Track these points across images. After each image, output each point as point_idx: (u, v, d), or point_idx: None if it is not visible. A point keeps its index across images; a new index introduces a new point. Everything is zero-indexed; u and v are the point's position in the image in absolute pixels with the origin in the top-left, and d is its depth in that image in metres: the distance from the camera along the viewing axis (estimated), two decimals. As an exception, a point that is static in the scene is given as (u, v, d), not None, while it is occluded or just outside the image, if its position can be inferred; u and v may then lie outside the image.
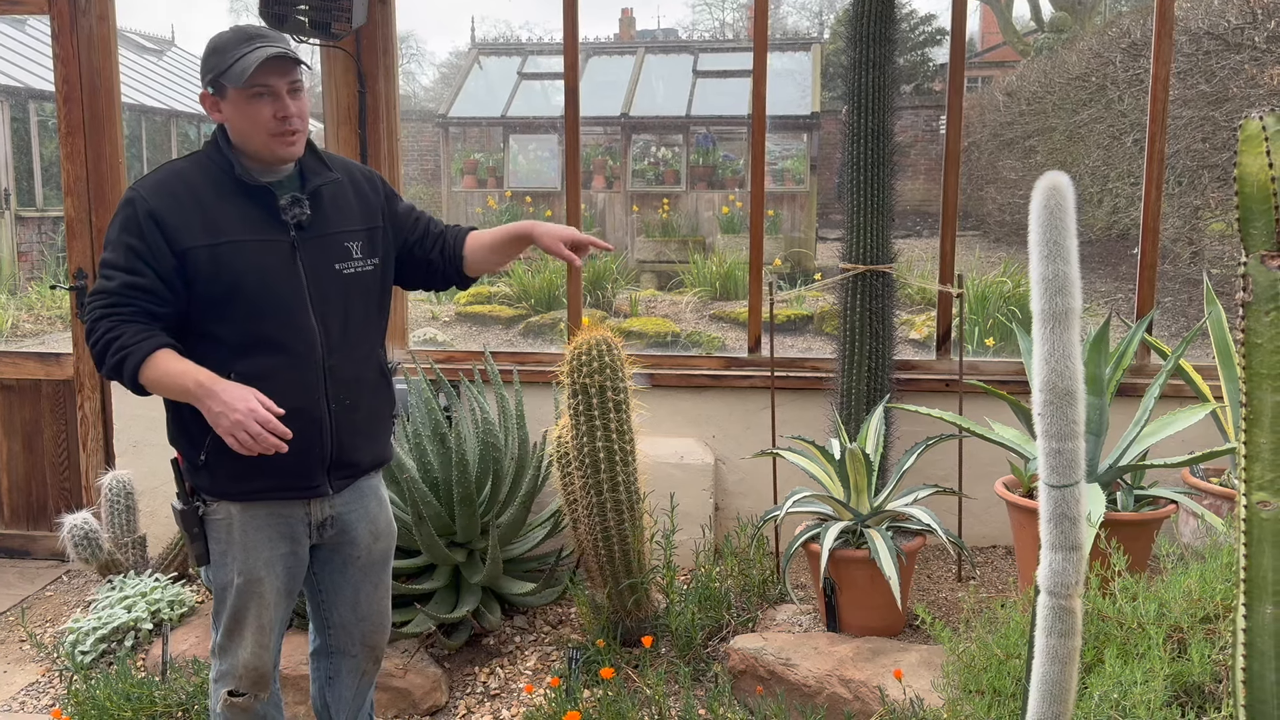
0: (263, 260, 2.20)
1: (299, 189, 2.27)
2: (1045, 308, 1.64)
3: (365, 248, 2.36)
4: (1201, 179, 7.82)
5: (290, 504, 2.31)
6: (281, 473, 2.24)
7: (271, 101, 2.18)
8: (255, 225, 2.21)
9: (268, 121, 2.18)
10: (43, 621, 3.91)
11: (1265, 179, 1.29)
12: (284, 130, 2.19)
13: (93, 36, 4.22)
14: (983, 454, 3.79)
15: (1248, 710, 1.45)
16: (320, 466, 2.30)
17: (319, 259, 2.27)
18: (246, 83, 2.14)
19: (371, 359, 2.40)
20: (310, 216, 2.25)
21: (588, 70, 13.81)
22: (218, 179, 2.22)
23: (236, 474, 2.23)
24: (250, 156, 2.24)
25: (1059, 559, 1.70)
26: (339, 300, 2.30)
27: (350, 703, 2.58)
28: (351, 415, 2.33)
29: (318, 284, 2.26)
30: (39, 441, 4.49)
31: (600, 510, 3.27)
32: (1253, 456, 1.37)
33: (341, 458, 2.33)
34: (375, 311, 2.43)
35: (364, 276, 2.35)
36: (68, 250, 4.37)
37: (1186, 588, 2.37)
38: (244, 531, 2.28)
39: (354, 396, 2.33)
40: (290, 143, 2.22)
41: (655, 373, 4.20)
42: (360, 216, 2.37)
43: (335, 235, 2.30)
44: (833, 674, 2.89)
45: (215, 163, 2.24)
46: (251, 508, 2.28)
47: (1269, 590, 1.39)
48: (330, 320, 2.27)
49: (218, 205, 2.19)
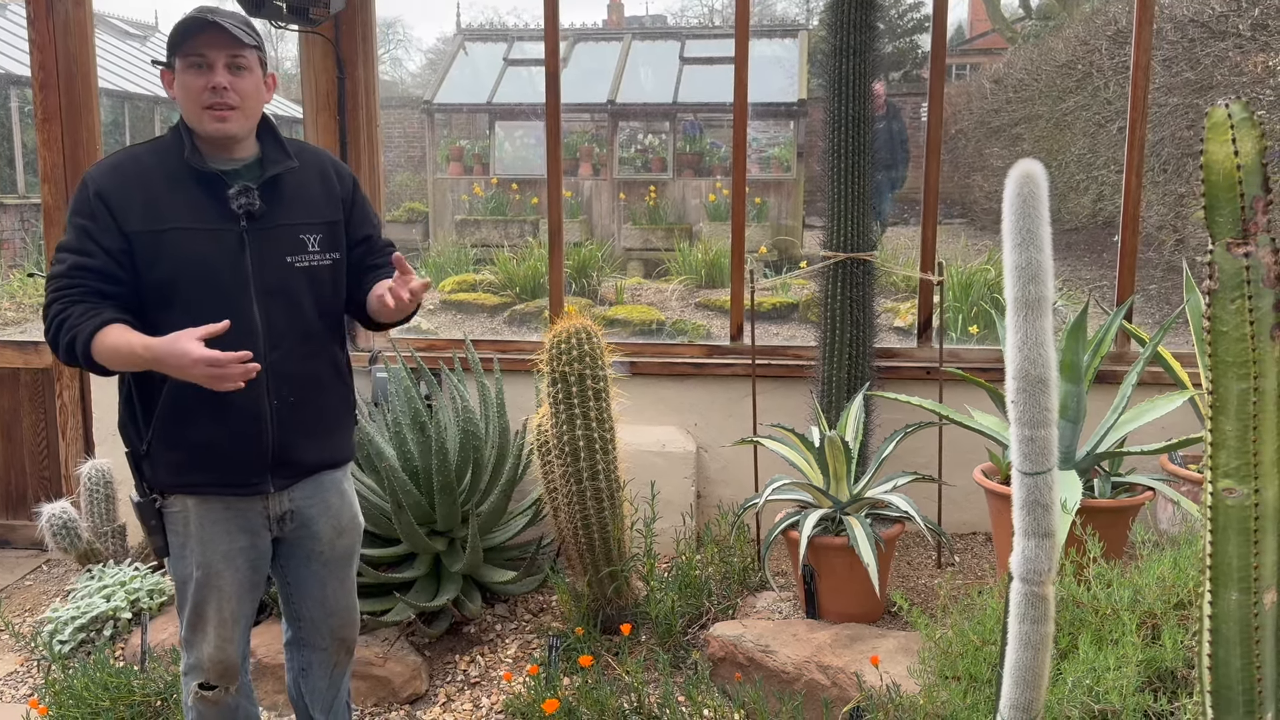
0: (206, 249, 2.14)
1: (257, 177, 2.22)
2: (1018, 295, 1.65)
3: (324, 241, 2.29)
4: (1186, 166, 7.84)
5: (246, 498, 2.27)
6: (219, 468, 2.21)
7: (205, 73, 2.13)
8: (202, 213, 2.16)
9: (200, 92, 2.13)
10: (21, 611, 3.90)
11: (1231, 167, 1.29)
12: (214, 103, 2.13)
13: (69, 22, 4.18)
14: (963, 441, 3.80)
15: (1214, 695, 1.46)
16: (260, 463, 2.24)
17: (269, 250, 2.20)
18: (182, 51, 2.12)
19: (324, 355, 2.33)
20: (262, 207, 2.19)
21: (574, 57, 13.74)
22: (171, 165, 2.18)
23: (176, 466, 2.20)
24: (199, 138, 2.19)
25: (1032, 546, 1.71)
26: (288, 293, 2.23)
27: (325, 693, 2.57)
28: (296, 413, 2.26)
29: (264, 276, 2.19)
30: (17, 430, 4.46)
31: (580, 498, 3.27)
32: (1218, 444, 1.37)
33: (283, 456, 2.26)
34: (333, 306, 2.35)
35: (319, 270, 2.28)
36: (45, 238, 4.34)
37: (1160, 574, 2.38)
38: (200, 525, 2.24)
39: (299, 393, 2.26)
40: (221, 118, 2.15)
41: (638, 361, 4.20)
42: (322, 209, 2.31)
43: (290, 227, 2.24)
44: (811, 660, 2.90)
45: (170, 148, 2.20)
46: (207, 501, 2.24)
47: (1234, 577, 1.39)
48: (276, 313, 2.21)
49: (166, 191, 2.15)
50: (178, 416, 2.17)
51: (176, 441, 2.19)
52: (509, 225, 12.07)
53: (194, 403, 2.15)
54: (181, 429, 2.18)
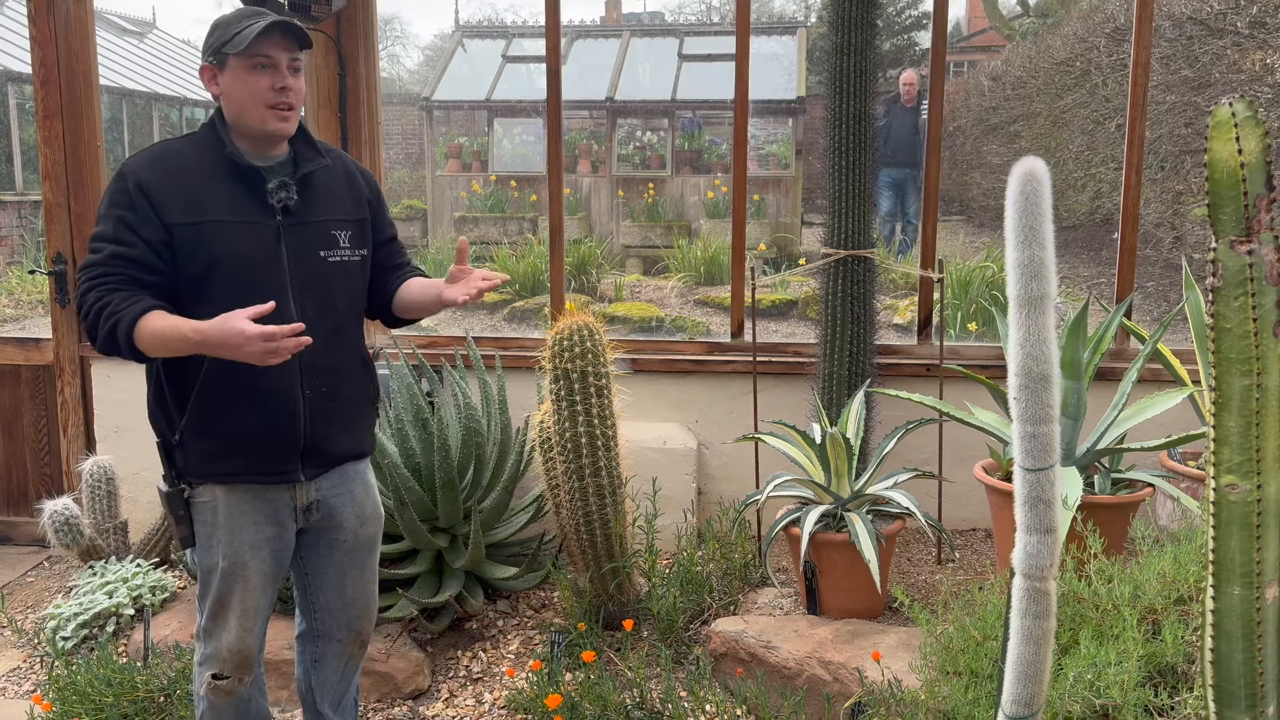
0: (244, 241, 2.20)
1: (290, 174, 2.27)
2: (1021, 293, 1.65)
3: (354, 238, 2.36)
4: (1184, 164, 7.85)
5: (275, 488, 2.31)
6: (253, 456, 2.25)
7: (271, 73, 2.19)
8: (240, 206, 2.21)
9: (265, 92, 2.19)
10: (24, 607, 3.90)
11: (1234, 165, 1.30)
12: (280, 103, 2.20)
13: (70, 19, 4.18)
14: (963, 438, 3.82)
15: (1216, 690, 1.47)
16: (293, 452, 2.29)
17: (304, 244, 2.27)
18: (248, 50, 2.15)
19: (352, 348, 2.39)
20: (298, 202, 2.25)
21: (572, 53, 13.74)
22: (209, 159, 2.22)
23: (210, 454, 2.23)
24: (243, 135, 2.24)
25: (1034, 541, 1.72)
26: (321, 287, 2.29)
27: (335, 687, 2.58)
28: (328, 403, 2.32)
29: (300, 269, 2.26)
30: (19, 427, 4.46)
31: (582, 495, 3.28)
32: (1221, 440, 1.38)
33: (314, 445, 2.31)
34: (359, 301, 2.43)
35: (350, 266, 2.36)
36: (46, 235, 4.34)
37: (1161, 570, 2.39)
38: (229, 515, 2.27)
39: (331, 385, 2.32)
40: (284, 117, 2.22)
41: (639, 358, 4.21)
42: (350, 207, 2.38)
43: (323, 223, 2.31)
44: (812, 656, 2.92)
45: (208, 143, 2.24)
46: (236, 490, 2.27)
47: (1236, 572, 1.41)
48: (310, 306, 2.26)
49: (205, 184, 2.19)
50: (212, 406, 2.21)
51: (211, 430, 2.22)
52: (508, 222, 12.08)
53: (229, 392, 2.19)
54: (216, 418, 2.22)
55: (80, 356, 4.34)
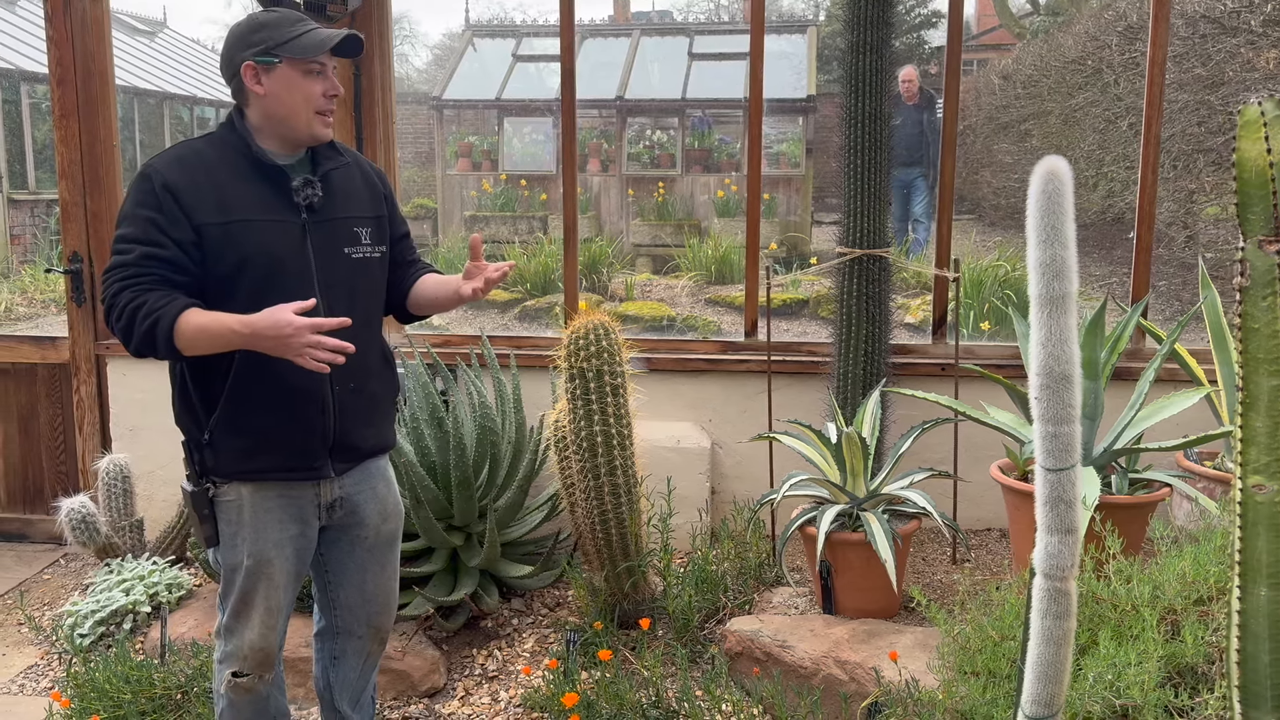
0: (272, 239, 2.21)
1: (310, 172, 2.29)
2: (1043, 292, 1.65)
3: (374, 234, 2.39)
4: (1196, 163, 7.82)
5: (300, 485, 2.32)
6: (284, 453, 2.26)
7: (322, 79, 2.23)
8: (267, 205, 2.22)
9: (317, 98, 2.23)
10: (41, 605, 3.92)
11: (1264, 164, 1.30)
12: (328, 109, 2.25)
13: (86, 19, 4.20)
14: (978, 437, 3.81)
15: (1241, 690, 1.47)
16: (322, 448, 2.31)
17: (328, 241, 2.29)
18: (305, 56, 2.19)
19: (375, 344, 2.42)
20: (321, 200, 2.27)
21: (582, 52, 13.74)
22: (232, 158, 2.24)
23: (240, 452, 2.24)
24: (273, 135, 2.26)
25: (1055, 542, 1.71)
26: (346, 283, 2.32)
27: (354, 684, 2.59)
28: (355, 399, 2.34)
29: (326, 266, 2.28)
30: (35, 425, 4.49)
31: (598, 494, 3.28)
32: (1249, 440, 1.38)
33: (343, 441, 2.33)
34: (381, 298, 2.46)
35: (371, 263, 2.38)
36: (62, 234, 4.36)
37: (1180, 570, 2.39)
38: (254, 513, 2.29)
39: (358, 380, 2.34)
40: (328, 123, 2.28)
41: (652, 357, 4.21)
42: (369, 204, 2.41)
43: (345, 220, 2.33)
44: (829, 655, 2.91)
45: (229, 142, 2.25)
46: (262, 489, 2.28)
47: (1263, 573, 1.40)
48: (336, 303, 2.28)
49: (231, 183, 2.21)
50: (243, 404, 2.22)
51: (241, 428, 2.23)
52: (518, 221, 12.09)
53: (259, 390, 2.21)
54: (246, 416, 2.23)
55: (96, 355, 4.35)
